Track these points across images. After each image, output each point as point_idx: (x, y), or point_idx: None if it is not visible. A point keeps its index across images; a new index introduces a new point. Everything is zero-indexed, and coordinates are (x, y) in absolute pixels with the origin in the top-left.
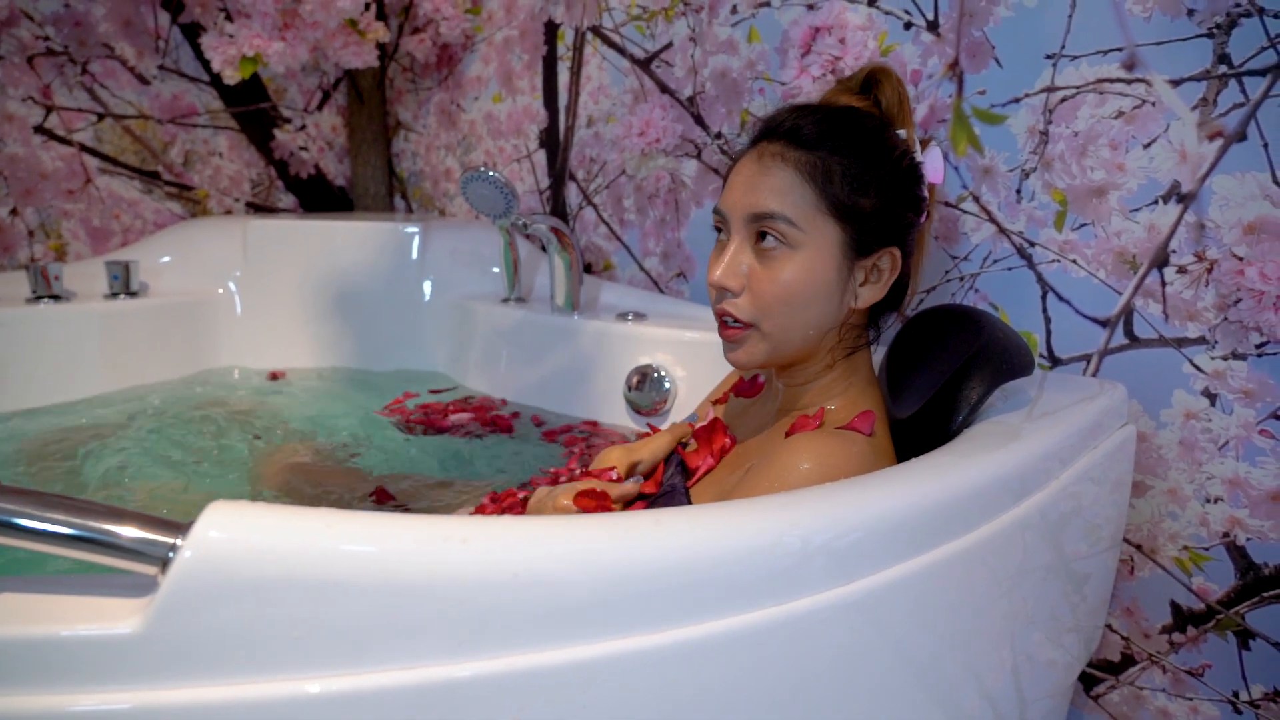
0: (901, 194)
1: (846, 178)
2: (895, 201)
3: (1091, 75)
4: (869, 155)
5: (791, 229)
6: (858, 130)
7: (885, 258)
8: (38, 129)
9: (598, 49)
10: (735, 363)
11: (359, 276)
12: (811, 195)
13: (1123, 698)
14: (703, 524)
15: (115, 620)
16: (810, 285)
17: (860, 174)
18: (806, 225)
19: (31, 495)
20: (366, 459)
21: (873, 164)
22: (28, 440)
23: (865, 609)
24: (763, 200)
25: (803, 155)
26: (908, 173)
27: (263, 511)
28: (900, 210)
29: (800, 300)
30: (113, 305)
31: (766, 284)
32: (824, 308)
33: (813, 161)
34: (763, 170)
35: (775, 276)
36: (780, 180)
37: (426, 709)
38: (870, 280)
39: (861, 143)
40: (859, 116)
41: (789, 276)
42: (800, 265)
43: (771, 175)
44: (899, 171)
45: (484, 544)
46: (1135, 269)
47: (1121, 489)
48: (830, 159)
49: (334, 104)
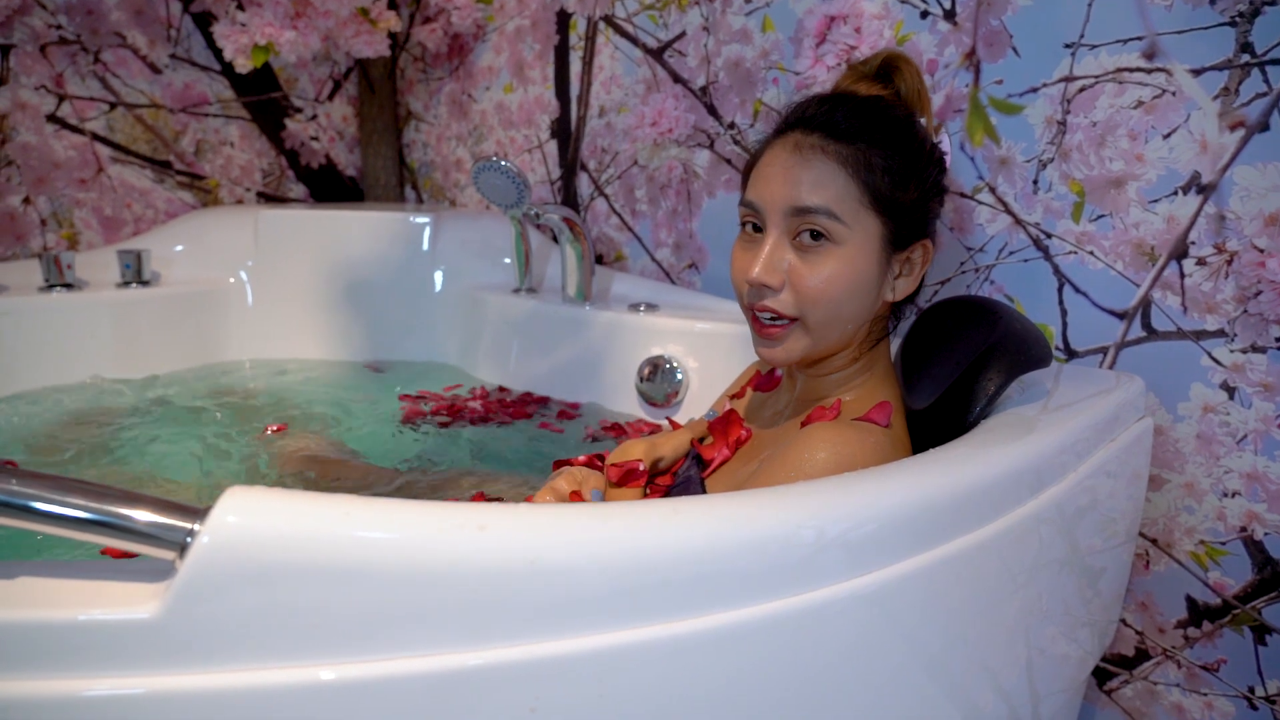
0: (936, 184)
1: (888, 171)
2: (931, 192)
3: (1111, 65)
4: (905, 147)
5: (835, 224)
6: (890, 121)
7: (918, 250)
8: (50, 118)
9: (610, 38)
10: (772, 359)
11: (370, 267)
12: (855, 189)
13: (1136, 692)
14: (719, 514)
15: (133, 605)
16: (853, 280)
17: (900, 166)
18: (850, 219)
19: (50, 480)
20: (377, 450)
21: (909, 156)
22: (39, 426)
23: (879, 601)
24: (805, 194)
25: (843, 148)
26: (937, 163)
27: (281, 497)
28: (932, 202)
29: (843, 296)
30: (125, 294)
31: (809, 279)
32: (863, 302)
33: (854, 154)
34: (803, 163)
35: (818, 272)
36: (822, 173)
37: (442, 697)
38: (904, 273)
39: (896, 134)
40: (888, 107)
41: (832, 271)
42: (844, 260)
43: (812, 168)
44: (930, 162)
45: (501, 531)
46: (1154, 261)
47: (1138, 483)
48: (871, 151)
49: (345, 94)
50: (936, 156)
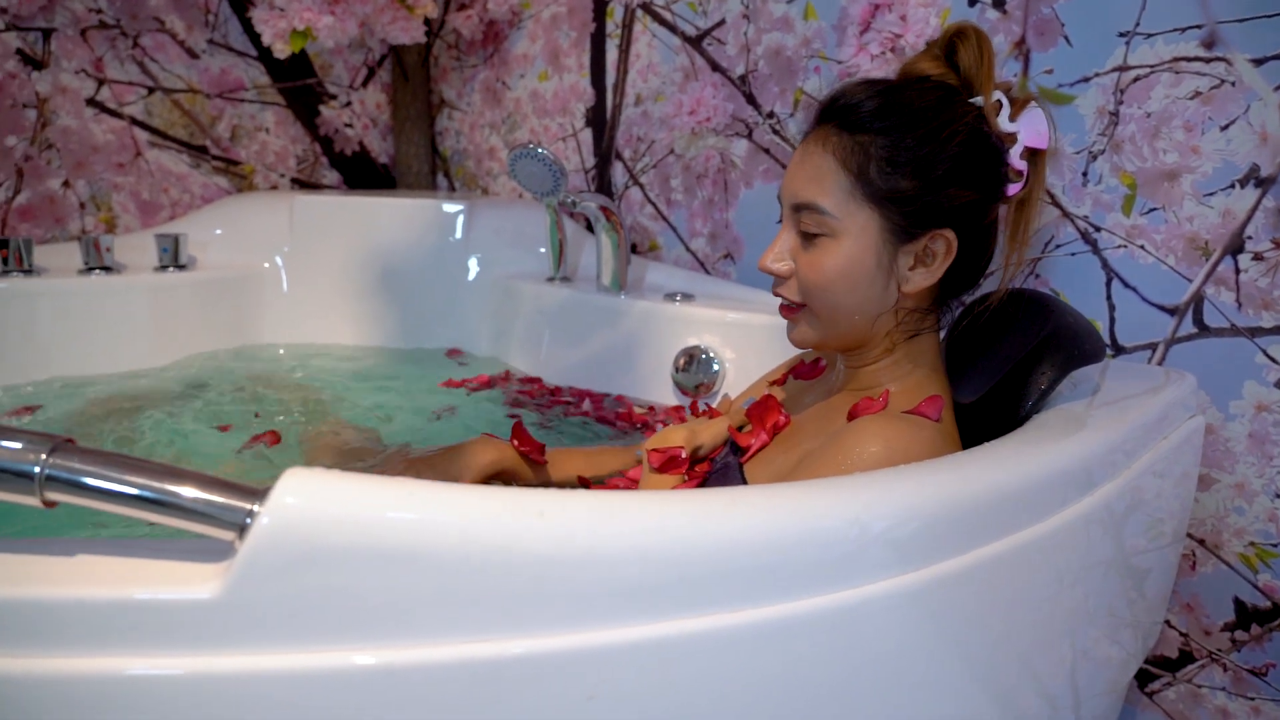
0: (956, 172)
1: (889, 161)
2: (945, 181)
3: (1167, 54)
4: (916, 133)
5: (827, 218)
6: (908, 106)
7: (940, 241)
8: (90, 102)
9: (648, 26)
10: (793, 341)
11: (403, 254)
12: (846, 182)
13: (1179, 695)
14: (778, 505)
15: (195, 584)
16: (850, 273)
17: (903, 156)
18: (841, 213)
19: (112, 457)
20: (410, 437)
21: (920, 143)
22: (81, 406)
23: (925, 599)
24: (800, 189)
25: (845, 140)
26: (969, 147)
27: (340, 479)
28: (952, 190)
29: (841, 287)
30: (162, 278)
31: (808, 270)
32: (867, 293)
33: (853, 146)
34: (805, 157)
35: (816, 263)
36: (817, 168)
37: (500, 683)
38: (922, 264)
39: (910, 120)
40: (917, 89)
41: (828, 264)
42: (839, 253)
43: (809, 163)
44: (953, 148)
45: (560, 518)
46: (1207, 255)
47: (1187, 482)
48: (875, 141)
49: (379, 81)
50: (966, 139)
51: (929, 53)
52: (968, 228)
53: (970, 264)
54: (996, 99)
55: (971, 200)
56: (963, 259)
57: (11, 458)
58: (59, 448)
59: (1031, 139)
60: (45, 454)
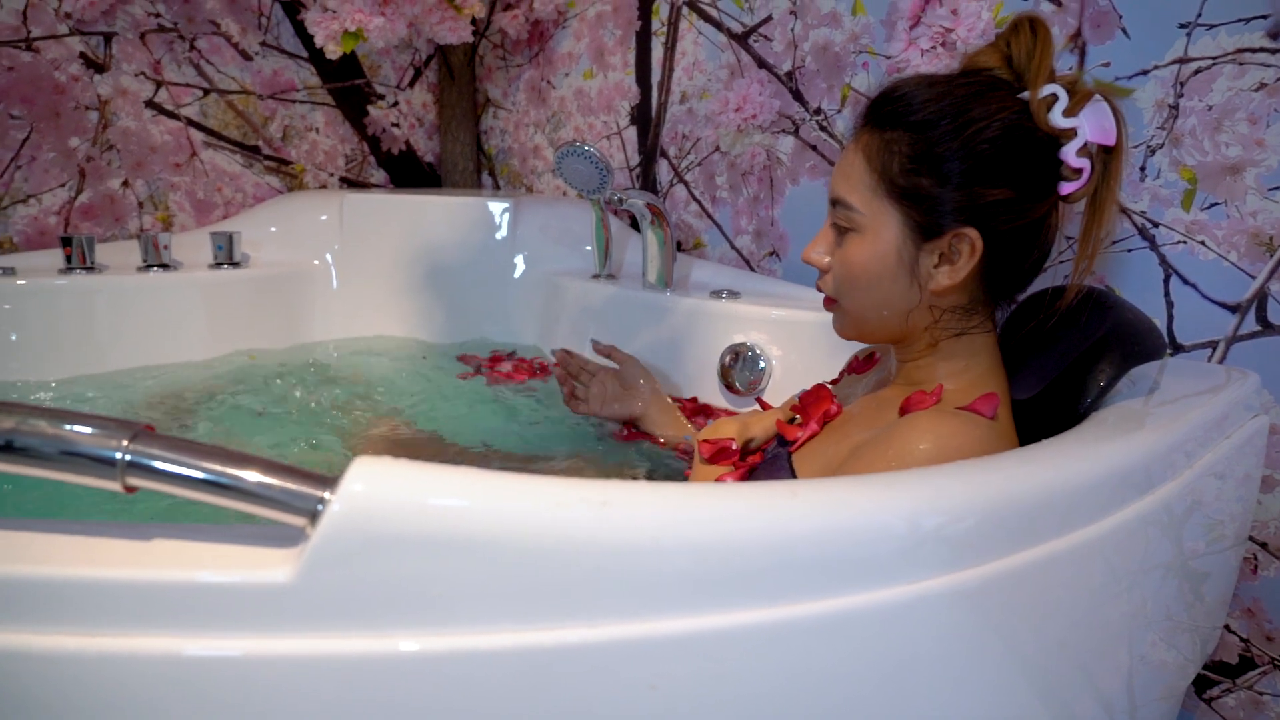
0: (984, 169)
1: (912, 158)
2: (970, 178)
3: (1230, 45)
4: (941, 130)
5: (852, 213)
6: (937, 103)
7: (965, 241)
8: (148, 103)
9: (694, 23)
10: (836, 332)
11: (450, 251)
12: (870, 179)
13: (1239, 702)
14: (834, 499)
15: (270, 568)
16: (872, 268)
17: (923, 152)
18: (866, 209)
19: (186, 444)
20: (459, 431)
21: (944, 139)
22: (139, 399)
23: (978, 598)
24: (836, 184)
25: (875, 137)
26: (1005, 143)
27: (408, 468)
28: (979, 188)
29: (864, 282)
30: (217, 274)
31: (839, 264)
32: (890, 289)
33: (881, 143)
34: (845, 153)
35: (845, 258)
36: (850, 165)
37: (562, 671)
38: (948, 262)
39: (936, 117)
40: (957, 84)
41: (854, 258)
42: (862, 249)
43: (846, 159)
44: (980, 144)
45: (624, 508)
46: (1272, 251)
47: (1250, 484)
48: (901, 138)
49: (425, 81)
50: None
51: (992, 45)
52: (1002, 226)
53: (1014, 263)
54: (1051, 92)
55: (1005, 199)
56: (1004, 258)
57: (95, 443)
58: (139, 435)
59: (1096, 134)
60: (127, 440)
